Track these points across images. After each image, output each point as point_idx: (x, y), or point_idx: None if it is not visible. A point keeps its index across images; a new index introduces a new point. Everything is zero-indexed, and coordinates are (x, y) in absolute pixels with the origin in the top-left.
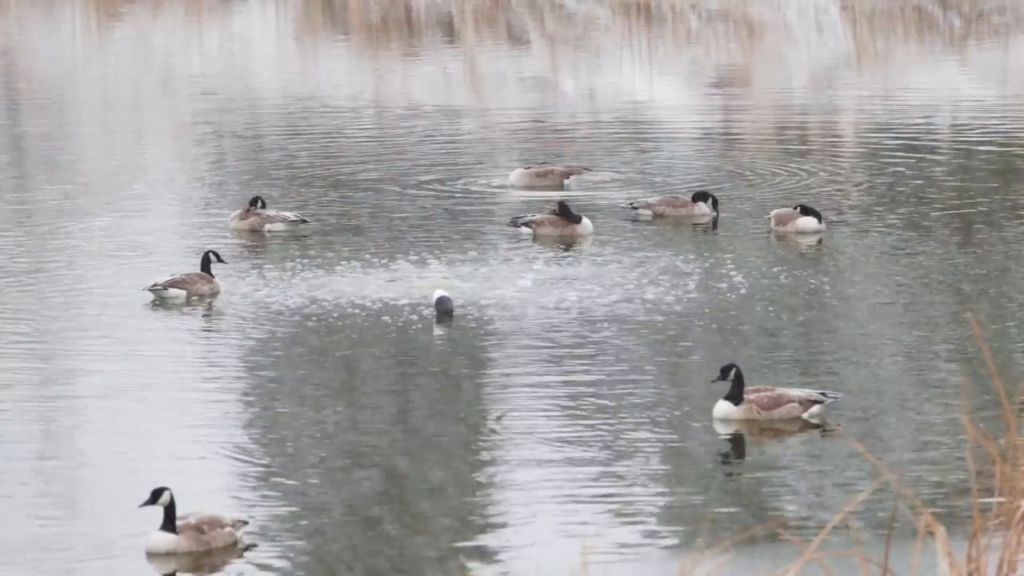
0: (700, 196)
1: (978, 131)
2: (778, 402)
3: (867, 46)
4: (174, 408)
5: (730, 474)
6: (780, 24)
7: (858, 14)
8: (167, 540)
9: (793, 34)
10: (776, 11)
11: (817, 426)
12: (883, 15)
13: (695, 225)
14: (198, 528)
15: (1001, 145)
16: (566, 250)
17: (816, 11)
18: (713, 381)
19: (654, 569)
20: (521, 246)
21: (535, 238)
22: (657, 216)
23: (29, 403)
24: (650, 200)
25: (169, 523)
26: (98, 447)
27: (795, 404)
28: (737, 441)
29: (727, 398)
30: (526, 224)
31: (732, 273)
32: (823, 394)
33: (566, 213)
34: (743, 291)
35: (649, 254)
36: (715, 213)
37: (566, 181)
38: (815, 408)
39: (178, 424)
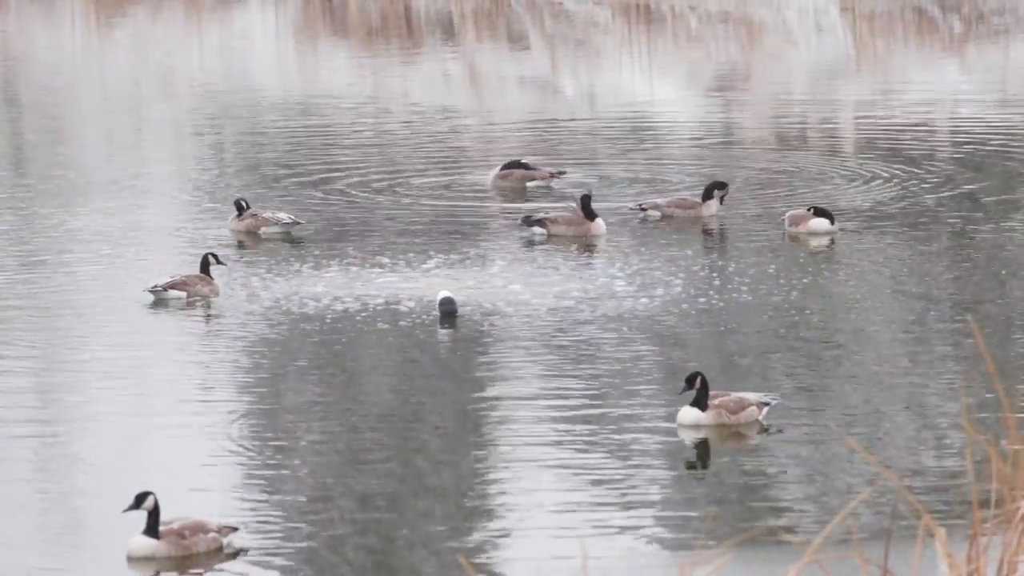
0: (710, 189)
1: (978, 132)
2: (741, 405)
3: (867, 47)
4: (173, 410)
5: (730, 475)
6: (780, 25)
7: (858, 15)
8: (147, 545)
9: (793, 35)
10: (776, 12)
11: (818, 427)
12: (883, 16)
13: (704, 226)
14: (179, 533)
15: (1002, 145)
16: (579, 251)
17: (816, 12)
18: (680, 392)
19: (654, 569)
20: (526, 246)
21: (548, 237)
22: (666, 217)
23: (27, 403)
24: (659, 201)
25: (152, 528)
26: (96, 448)
27: (753, 407)
28: (736, 442)
29: (693, 404)
30: (539, 223)
31: (742, 275)
32: (767, 396)
33: (586, 207)
34: (751, 293)
35: (659, 256)
36: (724, 192)
37: (528, 184)
38: (765, 410)
39: (177, 426)
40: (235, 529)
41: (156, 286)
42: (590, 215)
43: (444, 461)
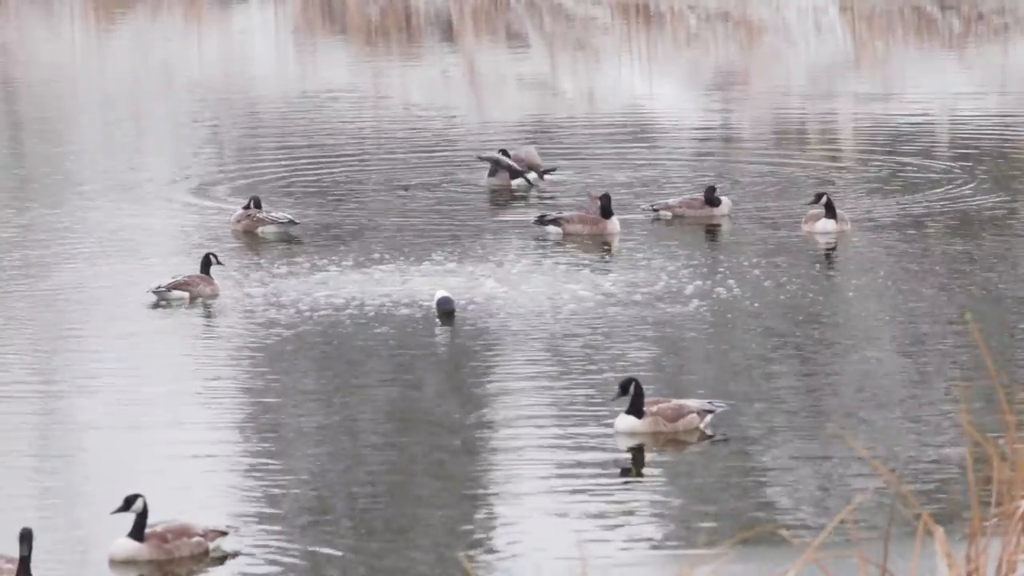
0: (710, 192)
1: (978, 131)
2: (680, 413)
3: (866, 47)
4: (174, 411)
5: (730, 475)
6: (779, 24)
7: (857, 15)
8: (128, 547)
9: (792, 34)
10: (775, 11)
11: (817, 426)
12: (882, 16)
13: (715, 226)
14: (162, 537)
15: (1002, 144)
16: (586, 250)
17: (815, 11)
18: (614, 399)
19: (654, 570)
20: (532, 245)
21: (564, 236)
22: (676, 217)
23: (28, 403)
24: (670, 202)
25: (137, 530)
26: (95, 449)
27: (694, 415)
28: (735, 443)
29: (629, 412)
30: (554, 222)
31: (749, 275)
32: (711, 403)
33: (604, 206)
34: (758, 293)
35: (667, 256)
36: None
37: (514, 182)
38: (708, 418)
39: (176, 428)
40: (224, 533)
41: (160, 286)
42: (606, 213)
43: (443, 459)
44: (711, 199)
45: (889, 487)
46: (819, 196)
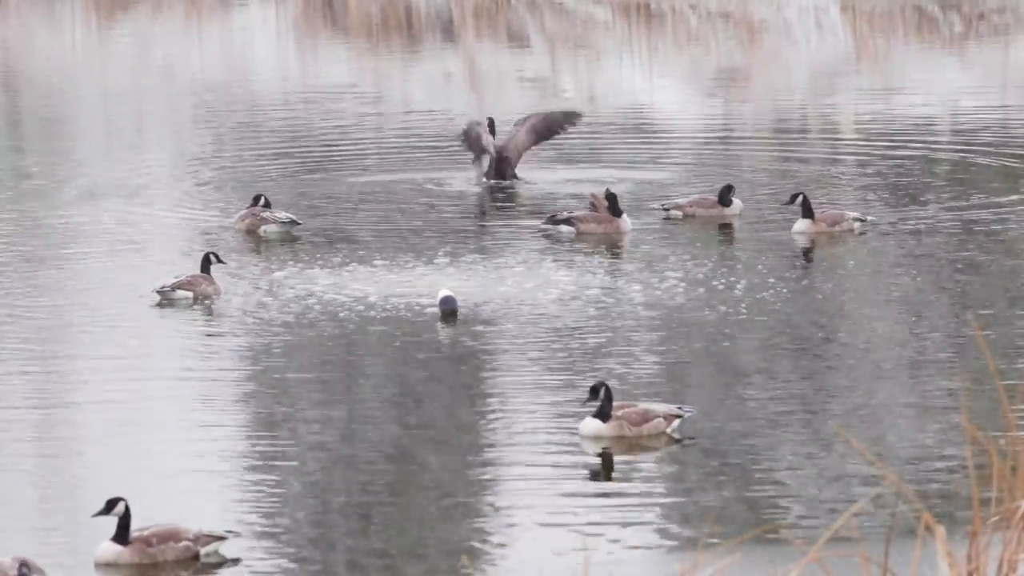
0: (725, 192)
1: (978, 131)
2: (645, 417)
3: (867, 46)
4: (177, 412)
5: (733, 475)
6: (780, 24)
7: (858, 14)
8: (111, 551)
9: (793, 34)
10: (776, 11)
11: (818, 427)
12: (883, 15)
13: (725, 226)
14: (147, 541)
15: (1001, 145)
16: (592, 249)
17: (816, 11)
18: (585, 402)
19: (655, 569)
20: (535, 244)
21: (577, 235)
22: (688, 217)
23: (29, 404)
24: (680, 201)
25: (121, 534)
26: (97, 449)
27: (660, 419)
28: (739, 442)
29: (595, 416)
30: (566, 221)
31: (755, 275)
32: (680, 408)
33: (611, 205)
34: (763, 293)
35: (680, 256)
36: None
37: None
38: (676, 422)
39: (178, 429)
40: (221, 538)
41: (164, 286)
42: (615, 212)
43: (444, 459)
44: (724, 199)
45: (891, 487)
46: (794, 197)
